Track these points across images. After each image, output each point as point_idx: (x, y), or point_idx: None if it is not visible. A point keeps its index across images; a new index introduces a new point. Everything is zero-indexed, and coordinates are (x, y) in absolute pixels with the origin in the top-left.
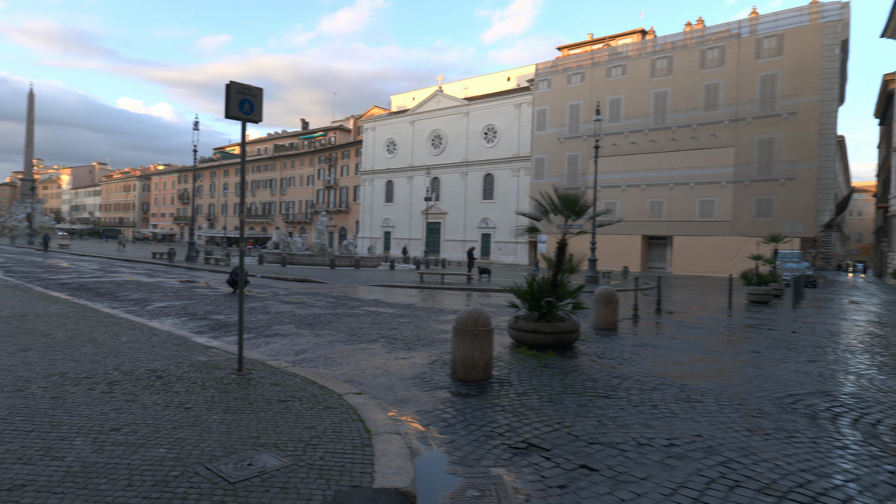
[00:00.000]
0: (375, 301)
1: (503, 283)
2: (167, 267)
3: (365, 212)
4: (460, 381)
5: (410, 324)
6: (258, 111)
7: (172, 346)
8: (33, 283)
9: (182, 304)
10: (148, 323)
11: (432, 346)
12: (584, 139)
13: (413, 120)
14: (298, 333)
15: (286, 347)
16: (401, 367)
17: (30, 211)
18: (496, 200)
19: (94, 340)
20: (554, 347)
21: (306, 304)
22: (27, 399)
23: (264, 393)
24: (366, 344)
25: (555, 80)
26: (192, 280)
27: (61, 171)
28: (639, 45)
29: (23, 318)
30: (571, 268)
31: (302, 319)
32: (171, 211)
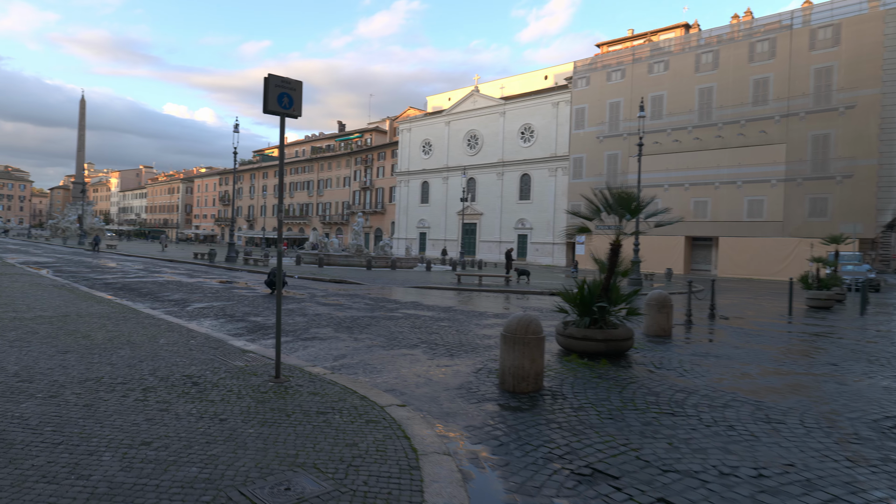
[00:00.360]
0: (414, 303)
1: (543, 286)
2: (208, 267)
3: (400, 213)
4: (509, 392)
5: (451, 328)
6: (297, 105)
7: (209, 350)
8: (79, 283)
9: (221, 306)
10: (186, 325)
11: (476, 352)
12: (624, 137)
13: (449, 120)
14: (337, 337)
15: (324, 352)
16: (444, 376)
17: (80, 213)
18: (533, 201)
19: (132, 343)
20: (606, 356)
21: (344, 306)
22: (59, 407)
23: (302, 403)
24: (406, 349)
25: (594, 77)
26: (231, 281)
27: (110, 175)
28: (682, 40)
29: (66, 318)
30: (625, 271)
31: (340, 322)
32: (213, 212)
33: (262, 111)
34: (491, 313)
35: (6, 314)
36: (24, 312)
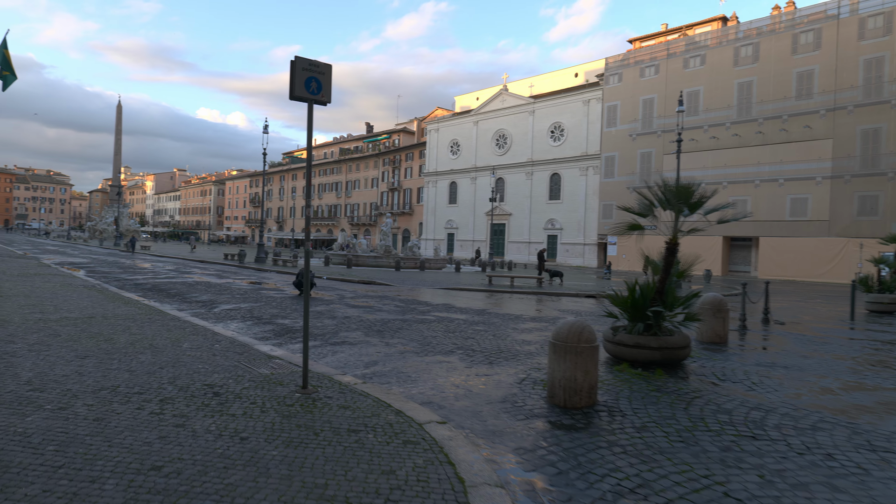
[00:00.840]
0: (445, 306)
1: (577, 287)
2: (237, 268)
3: (428, 213)
4: (559, 407)
5: (487, 332)
6: (326, 90)
7: (234, 356)
8: (110, 284)
9: (248, 307)
10: (212, 328)
11: (516, 360)
12: (658, 135)
13: (477, 120)
14: (367, 342)
15: (354, 358)
16: (485, 387)
17: (117, 215)
18: (563, 201)
19: (154, 347)
20: (661, 365)
21: (374, 308)
22: (67, 421)
23: (332, 419)
24: (441, 356)
25: (626, 73)
26: (259, 282)
27: (146, 178)
28: (719, 33)
29: (91, 320)
30: (681, 272)
31: (370, 325)
32: (244, 214)
33: (289, 97)
34: (527, 317)
35: (32, 315)
36: (51, 314)
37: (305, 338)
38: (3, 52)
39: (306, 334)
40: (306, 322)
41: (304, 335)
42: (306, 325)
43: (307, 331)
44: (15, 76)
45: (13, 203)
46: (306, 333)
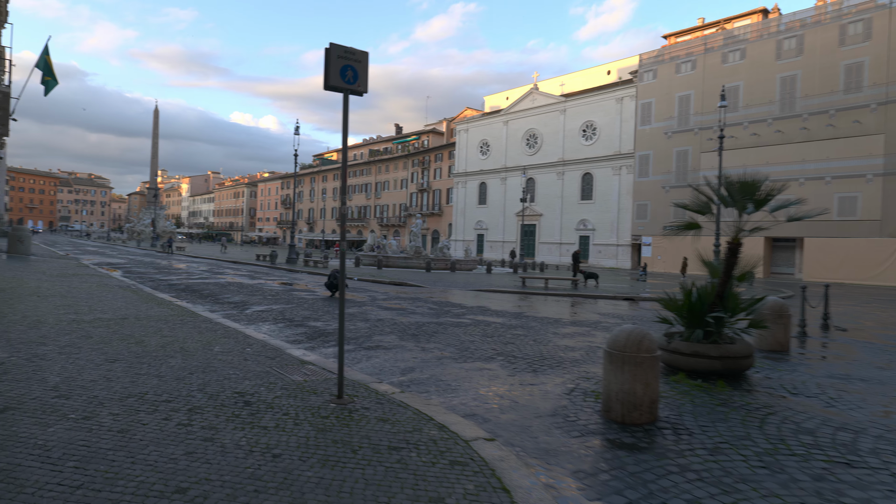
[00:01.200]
0: (480, 308)
1: (614, 290)
2: (269, 269)
3: (458, 214)
4: (617, 423)
5: (527, 337)
6: (363, 80)
7: (265, 360)
8: (145, 284)
9: (280, 309)
10: (243, 330)
11: (561, 367)
12: (695, 132)
13: (507, 120)
14: (402, 346)
15: (390, 364)
16: (532, 398)
17: (153, 217)
18: (595, 201)
19: (185, 350)
20: (722, 376)
21: (407, 310)
22: (90, 433)
23: (370, 434)
24: (481, 362)
25: (661, 70)
26: (291, 283)
27: (181, 181)
28: (760, 26)
29: (123, 321)
30: (743, 275)
31: (404, 329)
32: (275, 215)
33: (324, 87)
34: (567, 320)
35: (67, 316)
36: (85, 314)
37: (341, 345)
38: (45, 58)
39: (341, 342)
40: (341, 329)
41: (340, 343)
42: (341, 333)
43: (342, 338)
44: (56, 81)
45: (57, 206)
46: (341, 341)
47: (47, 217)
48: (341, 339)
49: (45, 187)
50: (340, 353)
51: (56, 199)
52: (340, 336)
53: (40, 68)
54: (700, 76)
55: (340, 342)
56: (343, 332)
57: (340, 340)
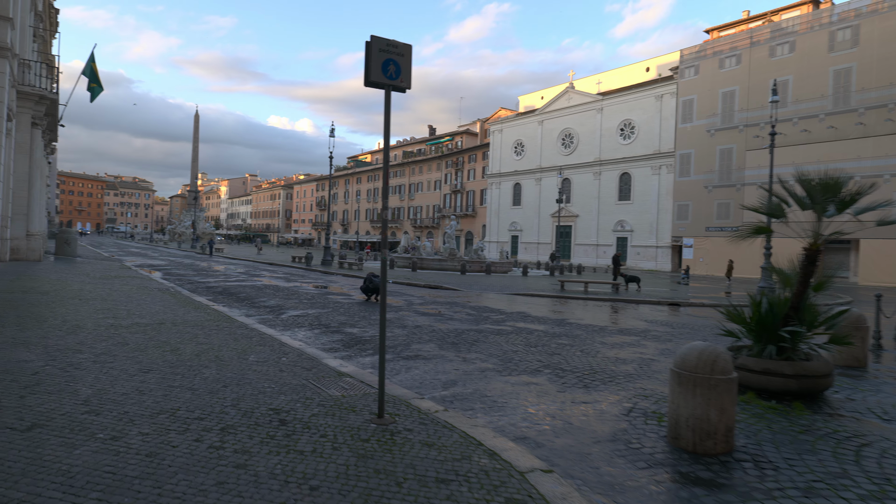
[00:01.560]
0: (520, 314)
1: (657, 294)
2: (304, 271)
3: (491, 215)
4: (687, 452)
5: (573, 347)
6: (406, 74)
7: (301, 371)
8: (183, 286)
9: (316, 314)
10: (279, 337)
11: (615, 383)
12: (740, 130)
13: (542, 119)
14: (442, 356)
15: (430, 376)
16: (586, 418)
17: (194, 219)
18: (633, 201)
19: (220, 359)
20: (797, 396)
21: (444, 316)
22: (117, 457)
23: (415, 462)
24: (527, 376)
25: (703, 65)
26: (326, 285)
27: (220, 183)
28: (810, 17)
29: (160, 326)
30: (821, 283)
31: (443, 337)
32: (310, 217)
33: (364, 83)
34: (613, 328)
35: (105, 321)
36: (123, 319)
37: (381, 363)
38: (90, 65)
39: (382, 360)
40: (382, 349)
41: (381, 362)
42: (382, 352)
43: (383, 357)
44: (101, 88)
45: (104, 208)
46: (382, 359)
47: (94, 219)
48: (382, 357)
49: (93, 190)
50: (381, 372)
51: (103, 201)
52: (381, 355)
53: (86, 75)
54: (745, 71)
55: (381, 361)
56: (384, 352)
57: (381, 359)
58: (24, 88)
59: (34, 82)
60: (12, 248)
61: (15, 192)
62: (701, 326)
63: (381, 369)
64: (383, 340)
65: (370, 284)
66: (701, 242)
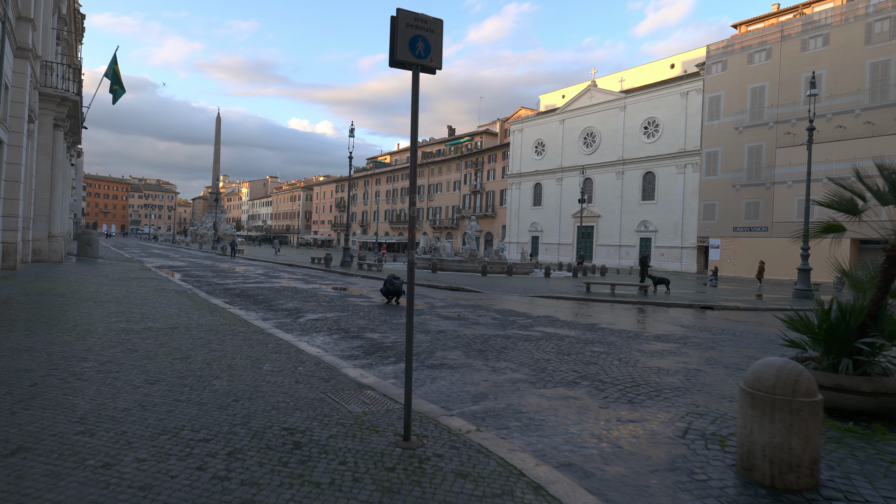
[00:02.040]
0: (548, 318)
1: (687, 297)
2: (323, 272)
3: (511, 216)
4: (763, 486)
5: (609, 355)
6: (436, 53)
7: (319, 383)
8: (201, 288)
9: (335, 317)
10: (296, 343)
11: (662, 398)
12: (770, 127)
13: (563, 118)
14: (469, 365)
15: (458, 388)
16: (637, 441)
17: (215, 220)
18: (657, 201)
19: (232, 369)
20: (876, 416)
21: (468, 320)
22: (106, 490)
23: (448, 498)
24: (564, 388)
25: (731, 61)
26: (345, 287)
27: (242, 185)
28: (845, 9)
29: (173, 331)
30: None
31: (469, 343)
32: (330, 218)
33: (389, 63)
34: (649, 334)
35: (117, 325)
36: (136, 323)
37: (408, 380)
38: (113, 67)
39: (409, 376)
40: (409, 363)
41: (407, 378)
42: (409, 368)
43: (410, 373)
44: (124, 90)
45: (128, 210)
46: (409, 375)
47: (119, 221)
48: (408, 374)
49: (118, 193)
50: (407, 389)
51: (127, 203)
52: (408, 371)
53: (109, 77)
54: (776, 66)
55: (408, 377)
56: (411, 369)
57: (408, 376)
58: (47, 90)
59: (57, 84)
60: (34, 250)
61: (37, 193)
62: (743, 333)
63: (408, 387)
64: (410, 356)
65: (391, 287)
66: (728, 243)
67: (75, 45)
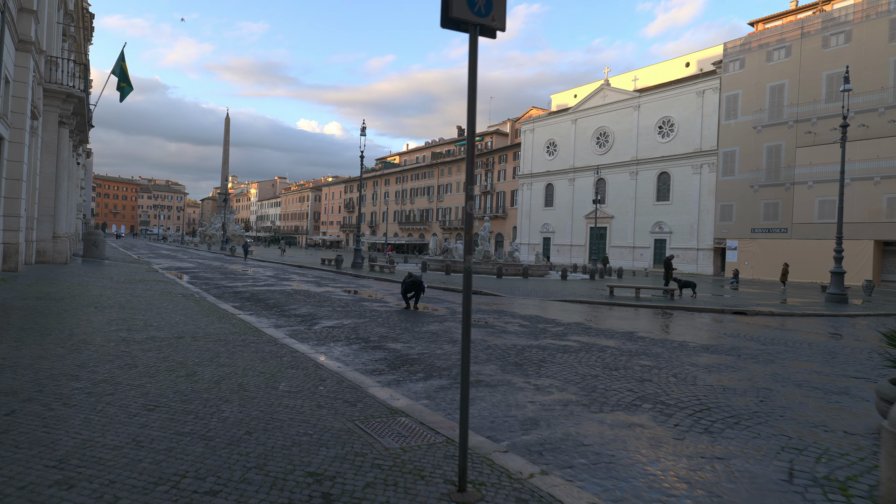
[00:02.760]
0: (580, 326)
1: (717, 302)
2: (335, 274)
3: (523, 217)
4: None
5: (660, 370)
6: (499, 10)
7: (344, 407)
8: (210, 291)
9: (352, 325)
10: (314, 356)
11: (741, 424)
12: (790, 126)
13: (576, 118)
14: (509, 382)
15: (502, 411)
16: (736, 488)
17: (224, 221)
18: (672, 202)
19: (243, 389)
20: None
21: (496, 327)
22: None
23: None
24: (624, 413)
25: (749, 59)
26: (359, 290)
27: (250, 186)
28: (866, 5)
29: (178, 342)
30: None
31: (503, 355)
32: (338, 219)
33: (440, 23)
34: (695, 343)
35: (118, 334)
36: (138, 332)
37: (464, 417)
38: (120, 64)
39: (464, 413)
40: (465, 393)
41: (462, 414)
42: (465, 402)
43: (466, 408)
44: (131, 87)
45: (138, 211)
46: (464, 411)
47: (129, 221)
48: (464, 411)
49: (128, 193)
50: (463, 431)
51: (137, 204)
52: (463, 408)
53: (116, 75)
54: (795, 63)
55: (463, 416)
56: (467, 404)
57: (463, 413)
58: (51, 86)
59: (62, 80)
60: (38, 251)
61: (41, 192)
62: (795, 343)
63: (464, 428)
64: (466, 391)
65: (411, 286)
66: (746, 245)
67: (84, 44)
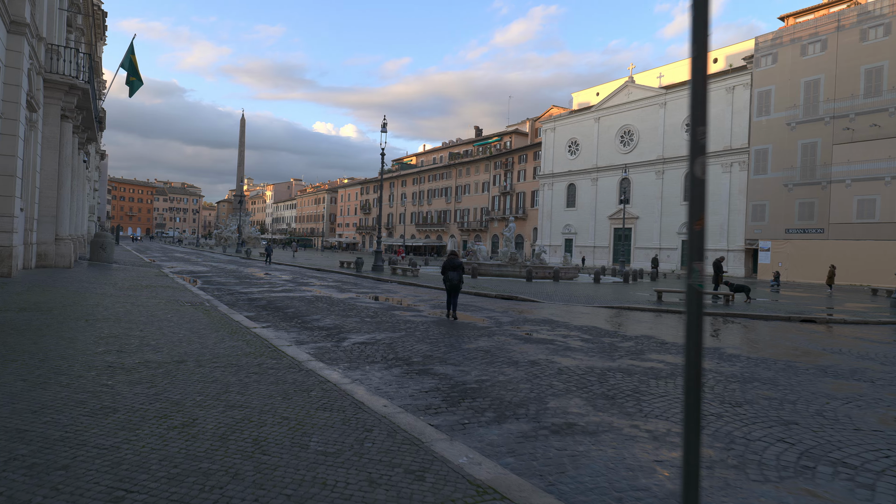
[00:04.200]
0: (652, 340)
1: (780, 308)
2: (355, 278)
3: (544, 218)
4: None
5: (793, 404)
6: None
7: (409, 482)
8: (222, 298)
9: (386, 340)
10: (350, 389)
11: None
12: (826, 122)
13: (598, 116)
14: (610, 426)
15: (627, 481)
16: None
17: (239, 223)
18: None
19: (261, 450)
20: None
21: (556, 343)
22: None
23: None
24: (800, 481)
25: (782, 53)
26: (386, 297)
27: (266, 188)
28: None
29: (177, 368)
30: None
31: (583, 383)
32: (354, 221)
33: None
34: (803, 363)
35: (104, 357)
36: (129, 354)
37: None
38: (129, 57)
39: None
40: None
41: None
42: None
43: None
44: (141, 82)
45: (154, 213)
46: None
47: (145, 224)
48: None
49: (143, 196)
50: None
51: (153, 207)
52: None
53: (125, 68)
54: (832, 57)
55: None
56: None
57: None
58: (52, 76)
59: (65, 71)
60: (39, 254)
61: (42, 191)
62: None
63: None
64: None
65: (451, 269)
66: (780, 246)
67: (95, 42)
